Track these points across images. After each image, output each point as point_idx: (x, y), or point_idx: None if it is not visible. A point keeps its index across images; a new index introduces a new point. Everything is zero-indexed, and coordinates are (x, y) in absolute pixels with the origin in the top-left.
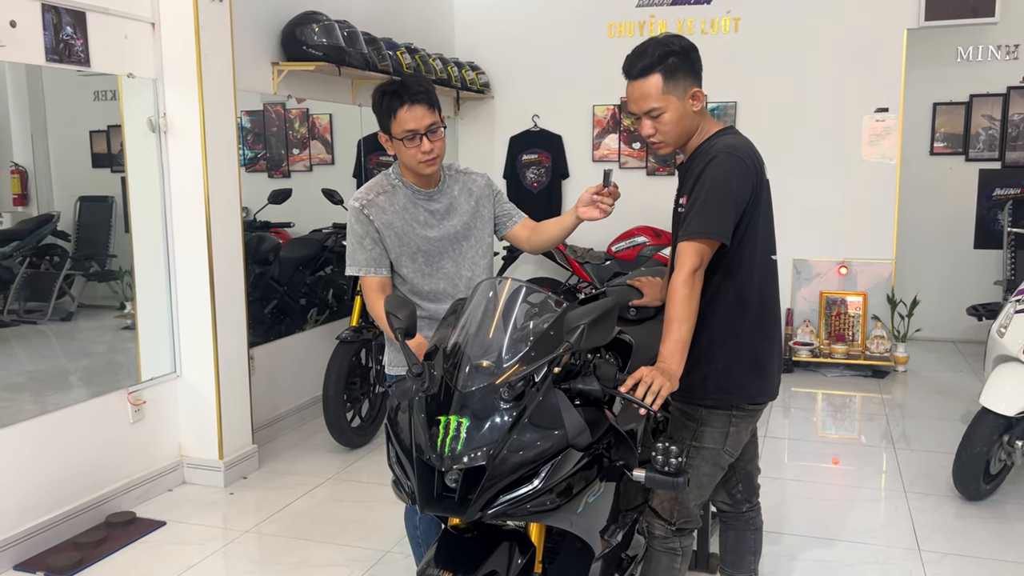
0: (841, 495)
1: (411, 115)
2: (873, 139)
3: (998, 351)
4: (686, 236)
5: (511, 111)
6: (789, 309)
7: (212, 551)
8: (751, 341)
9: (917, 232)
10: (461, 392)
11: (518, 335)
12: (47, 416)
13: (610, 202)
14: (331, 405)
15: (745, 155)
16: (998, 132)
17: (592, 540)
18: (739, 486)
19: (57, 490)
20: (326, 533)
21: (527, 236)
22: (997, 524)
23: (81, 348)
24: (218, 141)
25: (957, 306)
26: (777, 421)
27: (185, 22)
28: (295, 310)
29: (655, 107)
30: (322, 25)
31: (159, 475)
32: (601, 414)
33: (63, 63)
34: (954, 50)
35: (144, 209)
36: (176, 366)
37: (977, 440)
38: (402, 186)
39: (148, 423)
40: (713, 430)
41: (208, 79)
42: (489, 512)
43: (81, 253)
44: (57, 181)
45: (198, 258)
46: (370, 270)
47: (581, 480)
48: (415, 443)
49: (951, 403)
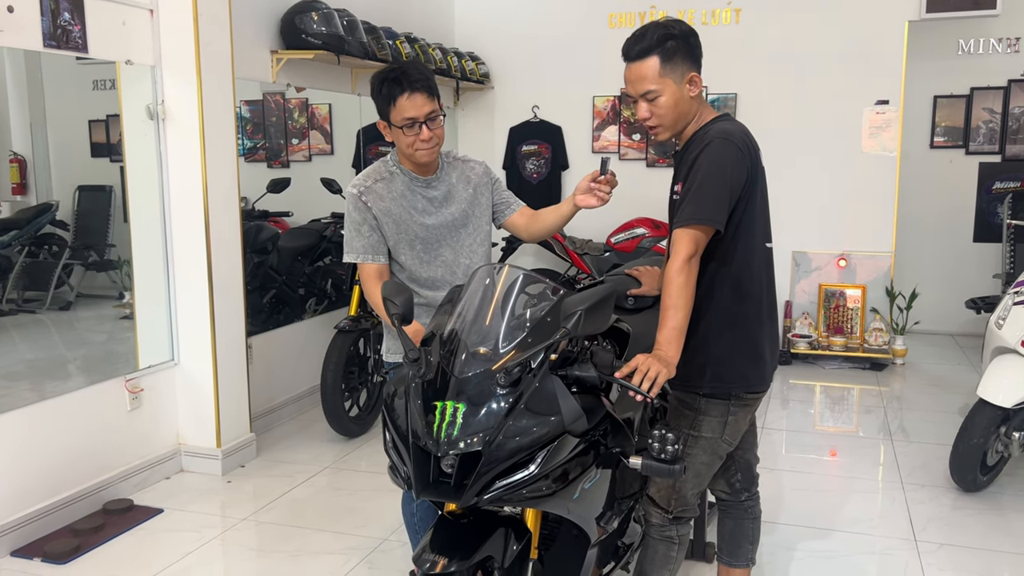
0: (838, 486)
1: (411, 103)
2: (873, 131)
3: (996, 343)
4: (681, 223)
5: (511, 102)
6: (788, 301)
7: (209, 539)
8: (749, 329)
9: (917, 225)
10: (457, 378)
11: (515, 322)
12: (45, 403)
13: (607, 190)
14: (329, 394)
15: (740, 141)
16: (998, 125)
17: (588, 527)
18: (738, 475)
19: (55, 477)
20: (324, 521)
21: (525, 224)
22: (993, 515)
23: (79, 337)
24: (217, 129)
25: (956, 299)
26: (775, 413)
27: (184, 9)
28: (293, 299)
29: (651, 89)
30: (321, 13)
31: (157, 463)
32: (598, 401)
33: (61, 49)
34: (955, 43)
35: (143, 198)
36: (174, 354)
37: (974, 432)
38: (400, 173)
39: (146, 411)
40: (711, 419)
41: (207, 67)
42: (485, 498)
43: (80, 242)
44: (56, 170)
45: (196, 247)
46: (367, 257)
47: (577, 466)
48: (411, 429)
49: (949, 396)
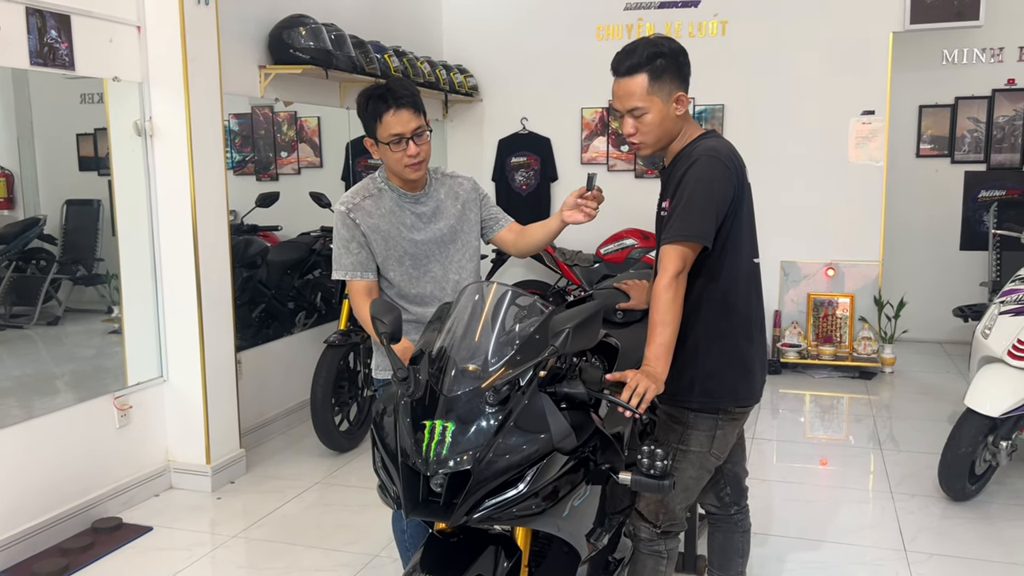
0: (829, 496)
1: (397, 119)
2: (860, 141)
3: (983, 352)
4: (668, 239)
5: (500, 114)
6: (777, 311)
7: (199, 556)
8: (737, 344)
9: (904, 234)
10: (446, 396)
11: (504, 339)
12: (33, 421)
13: (594, 205)
14: (319, 409)
15: (726, 158)
16: (983, 134)
17: (578, 543)
18: (727, 488)
19: (43, 496)
20: (314, 537)
21: (513, 240)
22: (982, 524)
23: (68, 352)
24: (205, 145)
25: (943, 307)
26: (765, 422)
27: (171, 25)
28: (283, 314)
29: (638, 106)
30: (309, 28)
31: (146, 480)
32: (587, 417)
33: (47, 67)
34: (939, 53)
35: (131, 213)
36: (163, 370)
37: (962, 441)
38: (388, 189)
39: (135, 428)
40: (700, 433)
41: (194, 82)
42: (475, 517)
43: (68, 257)
44: (44, 185)
45: (185, 262)
46: (356, 274)
47: (567, 484)
48: (400, 448)
49: (938, 404)
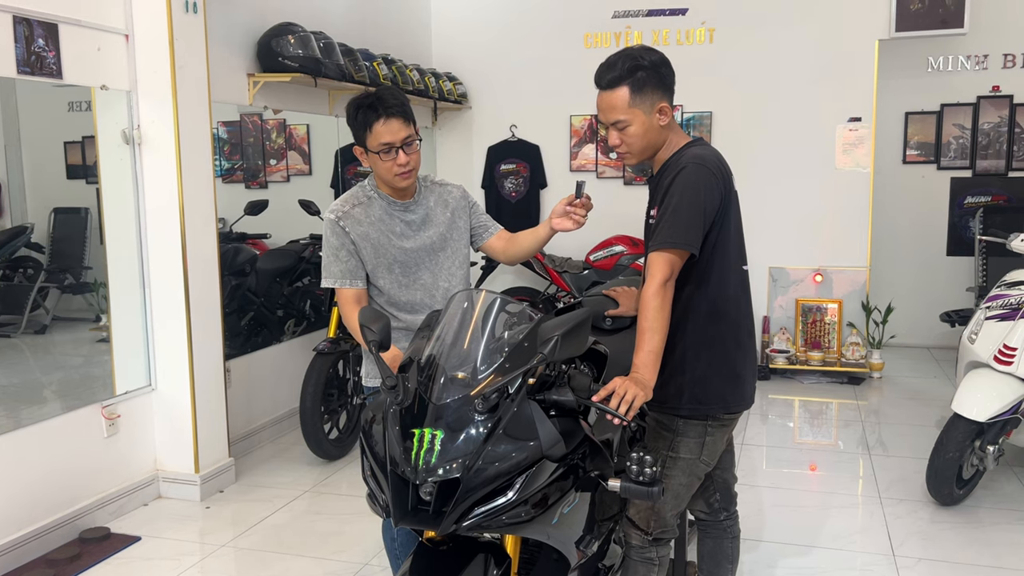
0: (818, 502)
1: (387, 128)
2: (847, 148)
3: (969, 357)
4: (656, 247)
5: (489, 121)
6: (766, 317)
7: (188, 566)
8: (726, 351)
9: (891, 239)
10: (435, 404)
11: (493, 347)
12: (20, 431)
13: (583, 213)
14: (308, 417)
15: (713, 166)
16: (969, 141)
17: (568, 551)
18: (716, 495)
19: (30, 506)
20: (304, 546)
21: (503, 248)
22: (970, 529)
23: (55, 361)
24: (193, 153)
25: (931, 312)
26: (754, 428)
27: (159, 34)
28: (272, 322)
29: (621, 119)
30: (298, 36)
31: (134, 490)
32: (576, 424)
33: (35, 75)
34: (925, 60)
35: (119, 221)
36: (151, 379)
37: (950, 446)
38: (378, 198)
39: (123, 437)
40: (689, 440)
41: (183, 91)
42: (464, 524)
43: (55, 265)
44: (31, 193)
45: (173, 270)
46: (345, 282)
47: (556, 491)
48: (389, 456)
49: (926, 409)
